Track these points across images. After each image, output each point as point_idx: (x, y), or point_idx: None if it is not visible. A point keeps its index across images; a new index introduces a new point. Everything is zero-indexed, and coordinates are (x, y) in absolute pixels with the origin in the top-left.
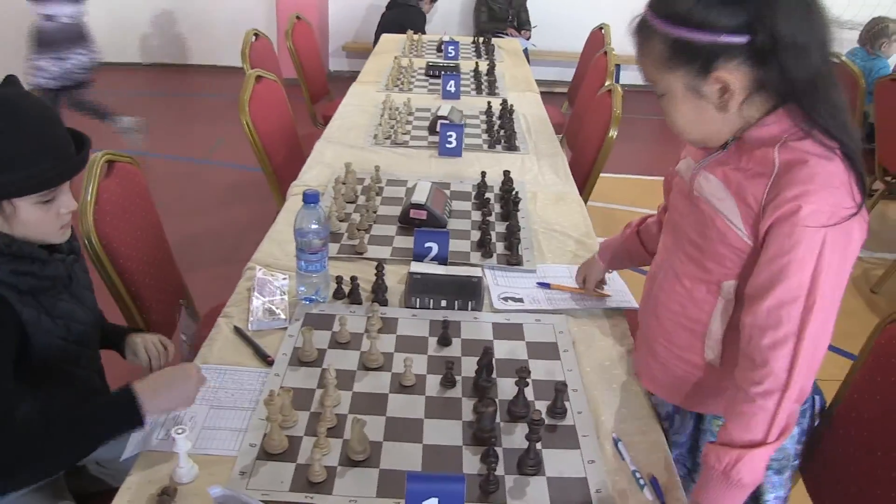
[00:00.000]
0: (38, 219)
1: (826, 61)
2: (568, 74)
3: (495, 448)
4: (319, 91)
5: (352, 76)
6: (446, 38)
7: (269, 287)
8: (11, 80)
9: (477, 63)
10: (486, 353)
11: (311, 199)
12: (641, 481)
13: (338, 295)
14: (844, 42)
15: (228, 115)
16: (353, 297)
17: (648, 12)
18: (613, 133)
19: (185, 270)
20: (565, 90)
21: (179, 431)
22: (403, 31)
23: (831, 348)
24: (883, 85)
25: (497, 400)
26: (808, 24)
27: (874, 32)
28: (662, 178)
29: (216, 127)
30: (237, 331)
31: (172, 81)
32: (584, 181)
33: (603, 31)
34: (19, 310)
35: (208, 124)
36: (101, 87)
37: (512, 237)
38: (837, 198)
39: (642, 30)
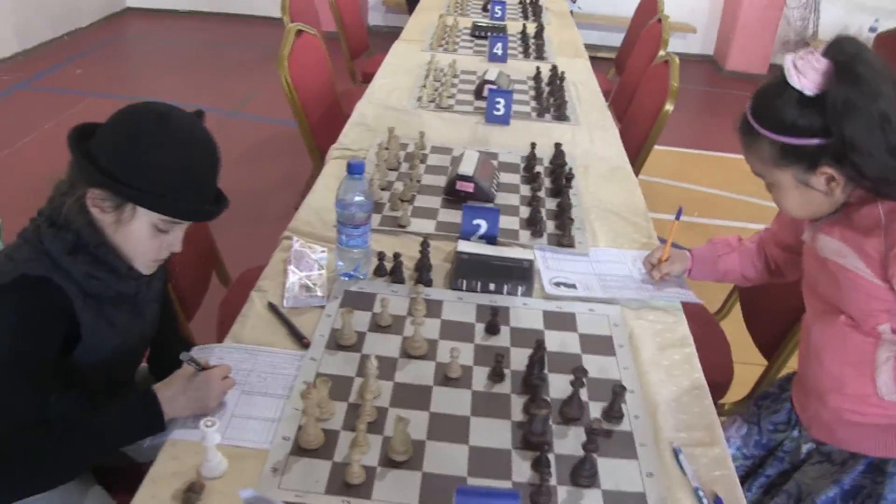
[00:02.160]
0: (143, 239)
1: None
2: (612, 39)
3: (548, 455)
4: (359, 46)
5: (391, 32)
6: None
7: (307, 260)
8: (200, 113)
9: (525, 25)
10: (538, 346)
11: (356, 169)
12: (705, 501)
13: (379, 272)
14: None
15: (262, 67)
16: (396, 276)
17: (751, 117)
18: (670, 107)
19: (213, 228)
20: (610, 55)
21: (209, 424)
22: None
23: None
24: None
25: (549, 398)
26: (878, 130)
27: None
28: (710, 153)
29: (249, 79)
30: (271, 307)
31: (207, 30)
32: (635, 155)
33: None
34: (79, 309)
35: (241, 76)
36: (136, 33)
37: (564, 216)
38: None
39: (748, 132)
